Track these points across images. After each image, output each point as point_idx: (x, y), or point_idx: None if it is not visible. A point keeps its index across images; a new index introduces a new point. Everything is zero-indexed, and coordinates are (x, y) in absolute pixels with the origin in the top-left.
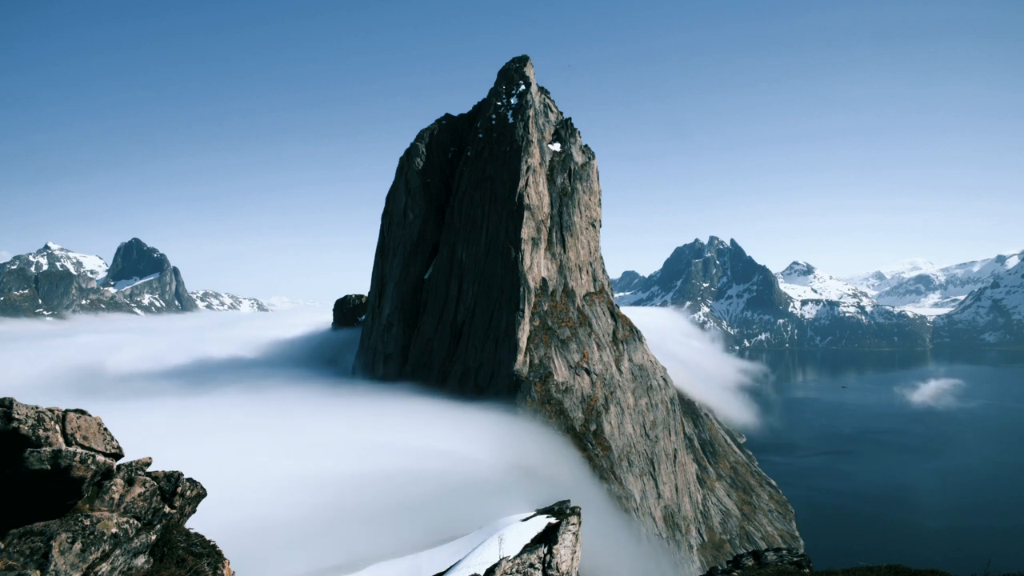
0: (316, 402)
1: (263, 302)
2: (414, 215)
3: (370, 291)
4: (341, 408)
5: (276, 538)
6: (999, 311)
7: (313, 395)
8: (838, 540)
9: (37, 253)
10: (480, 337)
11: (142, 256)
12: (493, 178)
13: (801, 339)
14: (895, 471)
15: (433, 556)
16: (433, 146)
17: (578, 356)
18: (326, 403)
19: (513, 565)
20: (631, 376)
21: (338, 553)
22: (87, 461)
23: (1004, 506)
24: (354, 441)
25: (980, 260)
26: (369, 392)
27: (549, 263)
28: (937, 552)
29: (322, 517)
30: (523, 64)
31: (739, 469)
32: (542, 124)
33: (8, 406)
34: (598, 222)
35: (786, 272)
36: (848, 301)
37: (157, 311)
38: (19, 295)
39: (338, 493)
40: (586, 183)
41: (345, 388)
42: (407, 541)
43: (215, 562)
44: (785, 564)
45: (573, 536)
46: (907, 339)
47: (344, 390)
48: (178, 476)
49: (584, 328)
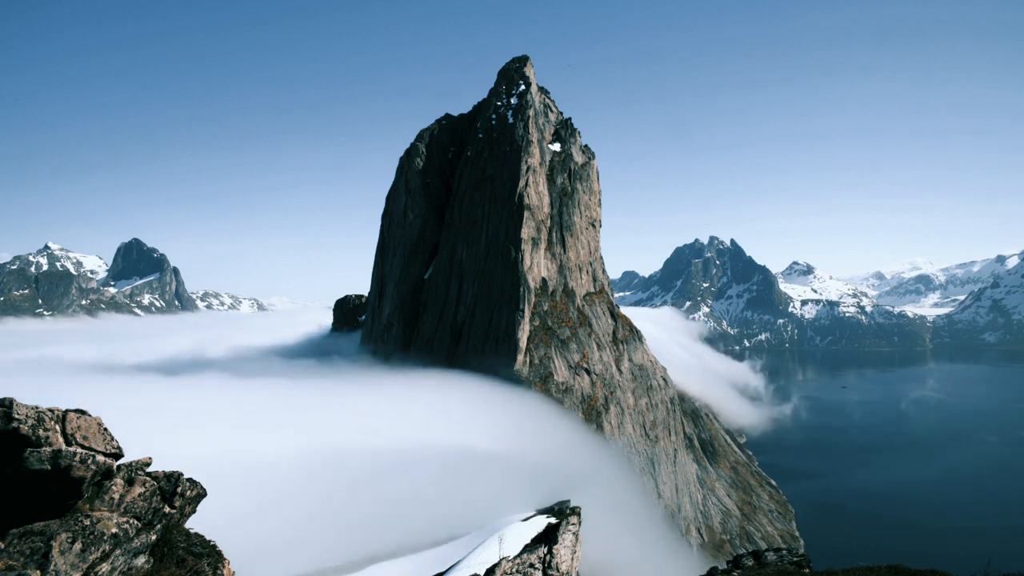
0: (317, 394)
1: (263, 302)
2: (414, 215)
3: (370, 291)
4: (340, 396)
5: (276, 538)
6: (999, 311)
7: (313, 388)
8: (838, 540)
9: (37, 253)
10: (480, 337)
11: (142, 256)
12: (493, 178)
13: (801, 339)
14: (895, 471)
15: (433, 556)
16: (433, 146)
17: (578, 356)
18: (327, 393)
19: (513, 565)
20: (631, 376)
21: (338, 553)
22: (87, 461)
23: (1004, 506)
24: (353, 440)
25: (980, 260)
26: (370, 378)
27: (549, 263)
28: (937, 552)
29: (322, 517)
30: (523, 64)
31: (739, 469)
32: (542, 124)
33: (8, 406)
34: (598, 222)
35: (786, 272)
36: (848, 301)
37: (157, 311)
38: (19, 295)
39: (338, 493)
40: (586, 183)
41: (347, 376)
42: (407, 541)
43: (215, 562)
44: (785, 564)
45: (573, 536)
46: (907, 339)
47: (347, 377)
48: (178, 476)
49: (584, 328)
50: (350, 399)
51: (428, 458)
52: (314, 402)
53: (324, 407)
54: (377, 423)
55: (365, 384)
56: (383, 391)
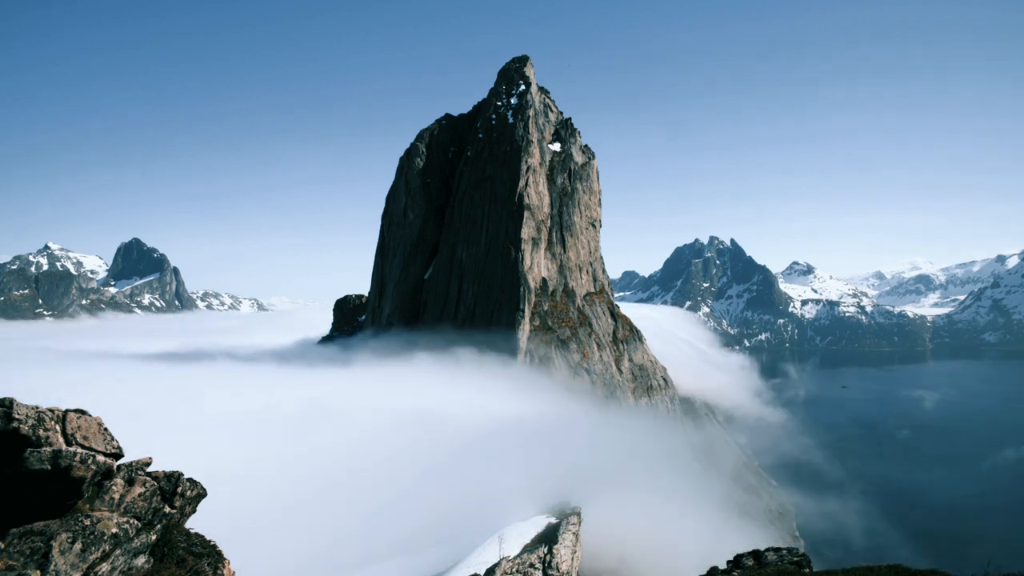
0: (317, 395)
1: (263, 302)
2: (414, 215)
3: (370, 291)
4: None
5: (276, 538)
6: (999, 311)
7: (313, 388)
8: (838, 540)
9: (37, 253)
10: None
11: (142, 256)
12: (493, 178)
13: (801, 339)
14: (895, 470)
15: (433, 556)
16: (433, 146)
17: (578, 356)
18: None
19: (513, 565)
20: (631, 376)
21: (339, 552)
22: (87, 461)
23: (1004, 506)
24: (354, 439)
25: (980, 260)
26: (370, 377)
27: (549, 263)
28: (937, 552)
29: (323, 516)
30: (523, 64)
31: (739, 469)
32: (542, 124)
33: (8, 406)
34: (598, 222)
35: (786, 272)
36: (848, 301)
37: (157, 311)
38: (19, 295)
39: (339, 492)
40: (586, 183)
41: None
42: (408, 540)
43: (215, 562)
44: (785, 564)
45: (573, 536)
46: (907, 339)
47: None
48: (178, 476)
49: (584, 328)
50: (350, 399)
51: (429, 456)
52: (314, 402)
53: (324, 407)
54: (377, 423)
55: (365, 383)
56: (383, 391)
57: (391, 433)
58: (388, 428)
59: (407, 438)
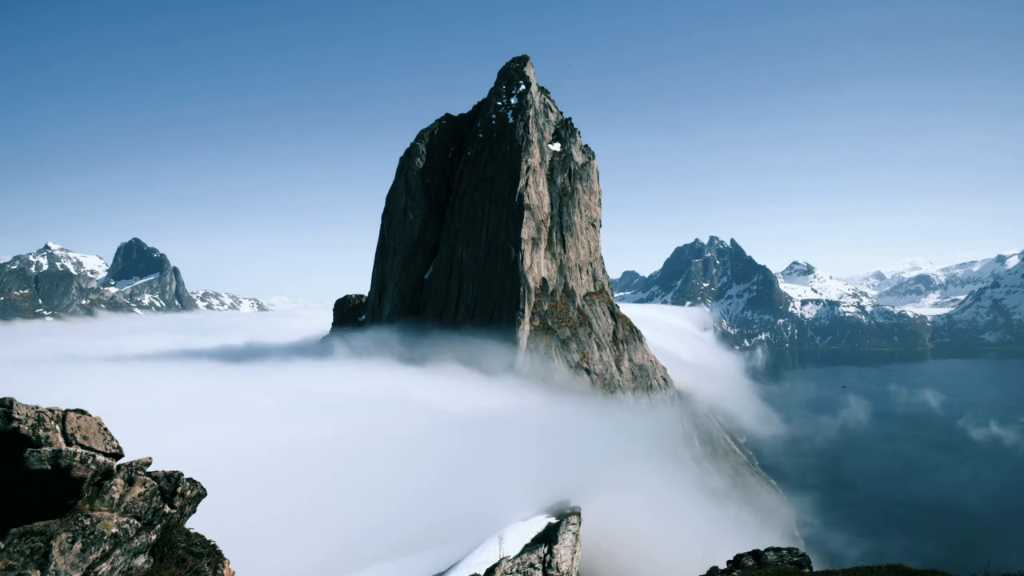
0: (315, 394)
1: (263, 302)
2: (414, 215)
3: (370, 291)
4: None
5: (276, 538)
6: (999, 311)
7: (312, 387)
8: (838, 540)
9: (37, 253)
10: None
11: (142, 256)
12: (493, 178)
13: (801, 339)
14: (895, 470)
15: (433, 556)
16: (433, 146)
17: (578, 356)
18: (326, 393)
19: (513, 565)
20: (631, 376)
21: (339, 552)
22: (87, 461)
23: (1004, 506)
24: (354, 439)
25: (980, 260)
26: (370, 375)
27: (549, 263)
28: (937, 552)
29: (323, 516)
30: (523, 64)
31: (739, 469)
32: (542, 124)
33: (8, 406)
34: (598, 222)
35: (786, 272)
36: (848, 301)
37: (157, 311)
38: (19, 295)
39: (339, 492)
40: (586, 183)
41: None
42: (408, 540)
43: (215, 562)
44: (785, 564)
45: (573, 536)
46: (907, 339)
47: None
48: (178, 476)
49: (584, 328)
50: (350, 399)
51: (429, 456)
52: (314, 402)
53: (324, 407)
54: (377, 423)
55: (365, 384)
56: (383, 390)
57: (391, 433)
58: (388, 428)
59: (407, 438)
